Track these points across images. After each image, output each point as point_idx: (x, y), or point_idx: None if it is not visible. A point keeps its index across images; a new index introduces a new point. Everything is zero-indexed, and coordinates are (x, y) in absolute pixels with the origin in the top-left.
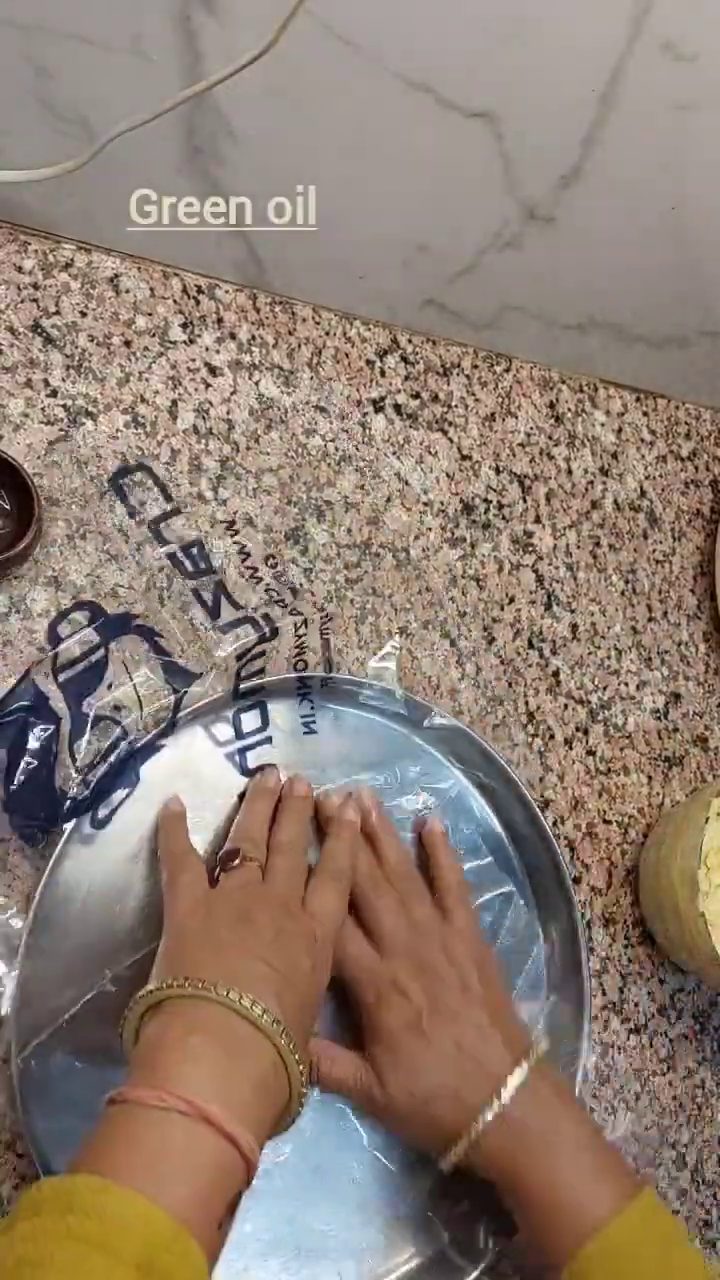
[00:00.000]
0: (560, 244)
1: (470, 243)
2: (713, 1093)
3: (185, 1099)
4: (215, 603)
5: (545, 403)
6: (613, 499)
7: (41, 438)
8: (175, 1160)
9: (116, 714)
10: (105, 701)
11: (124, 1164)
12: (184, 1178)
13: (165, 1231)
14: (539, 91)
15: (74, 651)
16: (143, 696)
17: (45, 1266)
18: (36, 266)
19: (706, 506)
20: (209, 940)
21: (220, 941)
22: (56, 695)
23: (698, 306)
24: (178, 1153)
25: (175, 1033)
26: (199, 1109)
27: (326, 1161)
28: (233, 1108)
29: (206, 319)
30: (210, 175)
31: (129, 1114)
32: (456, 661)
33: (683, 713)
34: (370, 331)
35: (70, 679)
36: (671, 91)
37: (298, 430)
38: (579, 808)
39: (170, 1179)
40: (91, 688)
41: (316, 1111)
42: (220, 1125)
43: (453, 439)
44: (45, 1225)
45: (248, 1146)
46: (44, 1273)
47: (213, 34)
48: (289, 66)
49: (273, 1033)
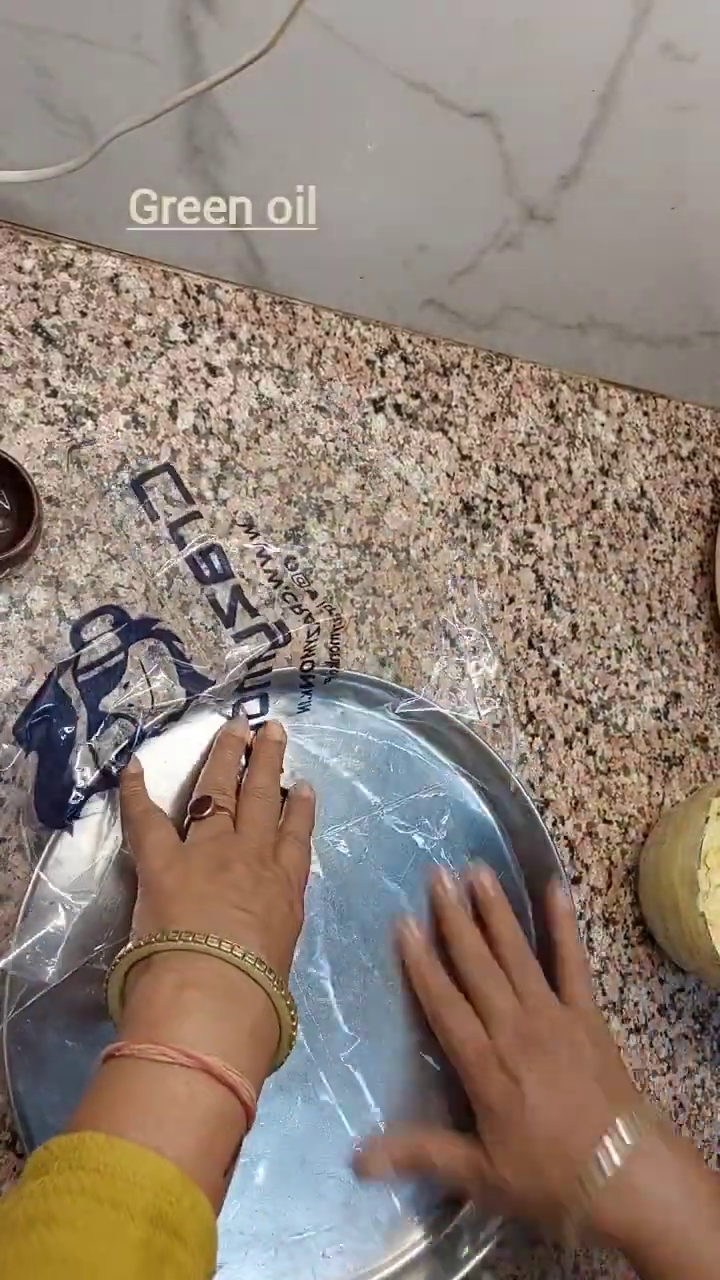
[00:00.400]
0: (560, 244)
1: (470, 243)
2: (713, 1093)
3: (185, 1052)
4: (231, 610)
5: (545, 403)
6: (613, 499)
7: (41, 438)
8: (179, 1113)
9: (129, 710)
10: (122, 702)
11: (129, 1119)
12: (188, 1130)
13: (174, 1185)
14: (539, 91)
15: (97, 653)
16: (156, 696)
17: (56, 1223)
18: (36, 266)
19: (706, 506)
20: (188, 893)
21: (200, 893)
22: (75, 695)
23: (698, 306)
24: (181, 1105)
25: (167, 987)
26: (199, 1061)
27: (312, 1157)
28: (230, 1057)
29: (206, 319)
30: (210, 175)
31: (129, 1069)
32: (456, 661)
33: (683, 713)
34: (370, 331)
35: (90, 680)
36: (671, 91)
37: (298, 430)
38: (579, 808)
39: (175, 1132)
40: (109, 688)
41: (305, 1108)
42: (221, 1075)
43: (453, 439)
44: (54, 1183)
45: (247, 1094)
46: (55, 1229)
47: (213, 34)
48: (289, 66)
49: (262, 978)
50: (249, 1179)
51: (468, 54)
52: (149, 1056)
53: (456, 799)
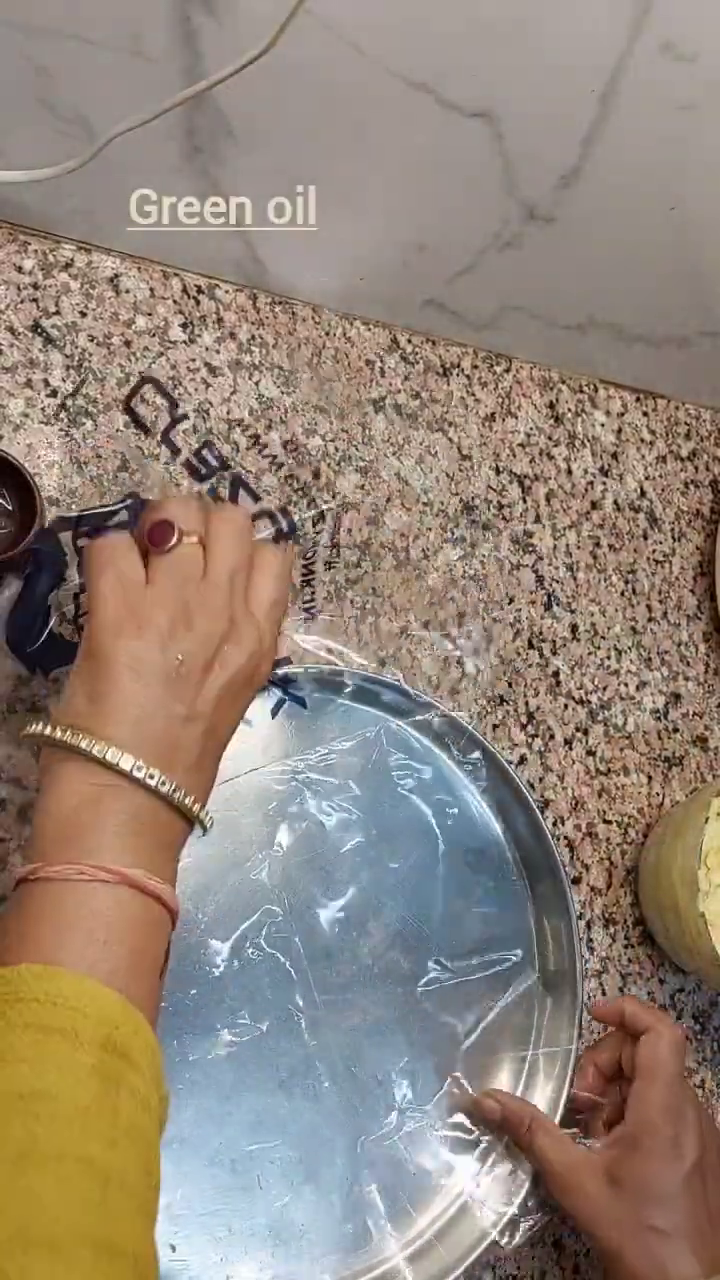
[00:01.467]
0: (560, 244)
1: (470, 243)
2: (713, 1093)
3: (104, 867)
4: (233, 497)
5: (545, 403)
6: (613, 499)
7: (41, 438)
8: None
9: None
10: None
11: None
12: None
13: (116, 1009)
14: (539, 91)
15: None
16: None
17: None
18: (36, 266)
19: (706, 506)
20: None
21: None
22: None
23: (698, 306)
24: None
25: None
26: (121, 875)
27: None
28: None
29: (206, 319)
30: (210, 175)
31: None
32: (457, 661)
33: (683, 713)
34: (370, 331)
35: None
36: (671, 91)
37: (298, 430)
38: (579, 808)
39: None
40: None
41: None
42: (143, 886)
43: (453, 439)
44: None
45: (170, 897)
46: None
47: (213, 34)
48: (289, 66)
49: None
50: (251, 1176)
51: (468, 54)
52: (68, 878)
53: (456, 798)
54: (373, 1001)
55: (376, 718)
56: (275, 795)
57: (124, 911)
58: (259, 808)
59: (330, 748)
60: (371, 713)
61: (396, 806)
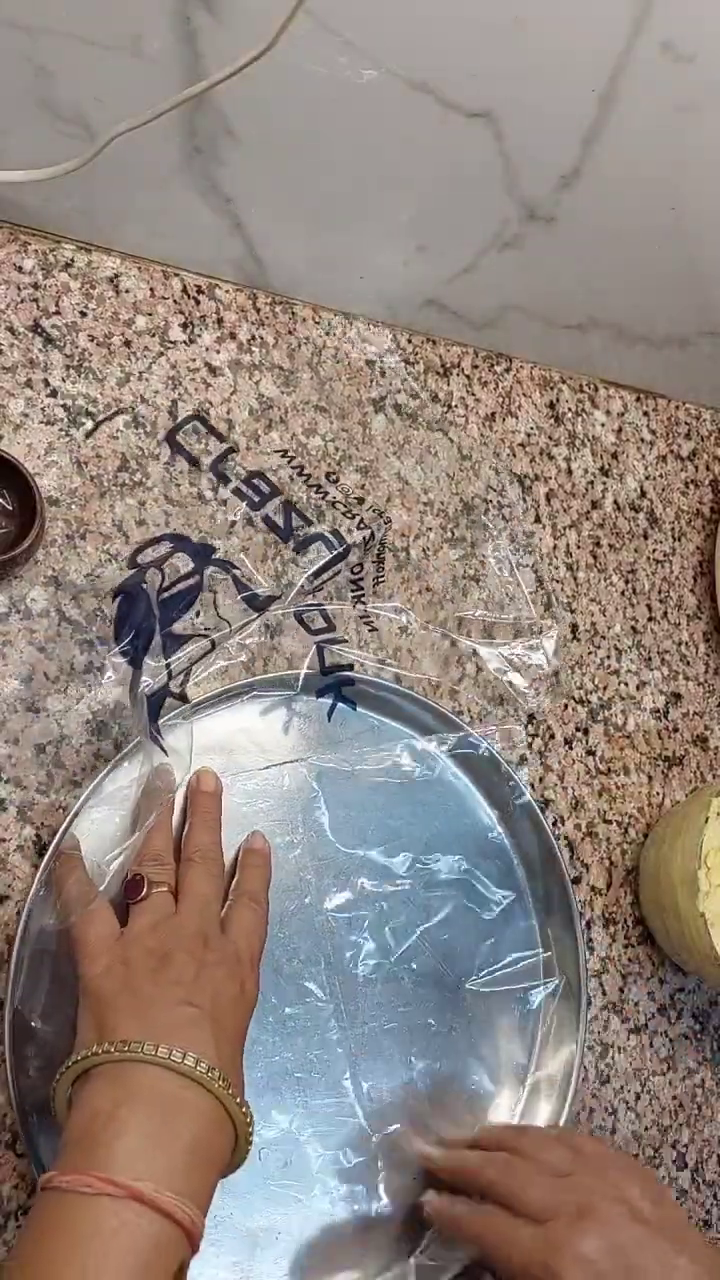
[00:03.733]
0: (560, 244)
1: (470, 243)
2: (713, 1092)
3: (112, 1180)
4: (286, 523)
5: (545, 403)
6: (613, 499)
7: (41, 438)
8: (107, 1246)
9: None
10: (197, 623)
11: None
12: (117, 1264)
13: None
14: (539, 91)
15: (177, 571)
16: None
17: None
18: (36, 266)
19: (706, 506)
20: (130, 997)
21: (143, 997)
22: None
23: (698, 306)
24: (109, 1238)
25: (103, 1105)
26: (128, 1189)
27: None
28: (164, 1179)
29: (206, 319)
30: (210, 175)
31: (59, 1201)
32: (457, 661)
33: (683, 713)
34: (370, 331)
35: (167, 599)
36: (671, 91)
37: (298, 430)
38: (579, 808)
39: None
40: (182, 612)
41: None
42: (152, 1201)
43: (453, 439)
44: None
45: (184, 1215)
46: None
47: (213, 34)
48: (289, 66)
49: (208, 1081)
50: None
51: (468, 54)
52: (77, 1189)
53: (456, 798)
54: (364, 1011)
55: (399, 731)
56: (295, 794)
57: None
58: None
59: (349, 754)
60: (394, 726)
61: (408, 816)
